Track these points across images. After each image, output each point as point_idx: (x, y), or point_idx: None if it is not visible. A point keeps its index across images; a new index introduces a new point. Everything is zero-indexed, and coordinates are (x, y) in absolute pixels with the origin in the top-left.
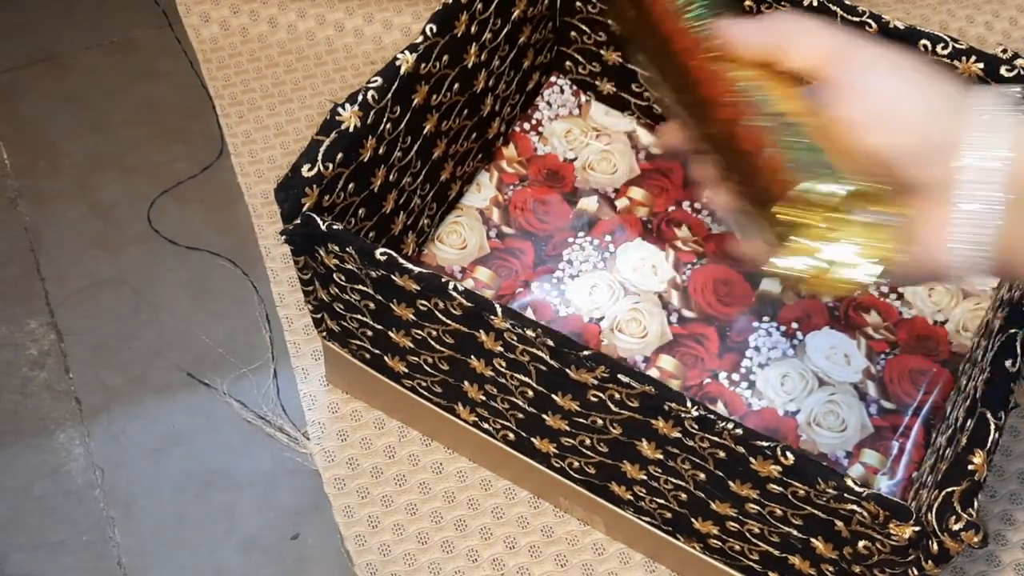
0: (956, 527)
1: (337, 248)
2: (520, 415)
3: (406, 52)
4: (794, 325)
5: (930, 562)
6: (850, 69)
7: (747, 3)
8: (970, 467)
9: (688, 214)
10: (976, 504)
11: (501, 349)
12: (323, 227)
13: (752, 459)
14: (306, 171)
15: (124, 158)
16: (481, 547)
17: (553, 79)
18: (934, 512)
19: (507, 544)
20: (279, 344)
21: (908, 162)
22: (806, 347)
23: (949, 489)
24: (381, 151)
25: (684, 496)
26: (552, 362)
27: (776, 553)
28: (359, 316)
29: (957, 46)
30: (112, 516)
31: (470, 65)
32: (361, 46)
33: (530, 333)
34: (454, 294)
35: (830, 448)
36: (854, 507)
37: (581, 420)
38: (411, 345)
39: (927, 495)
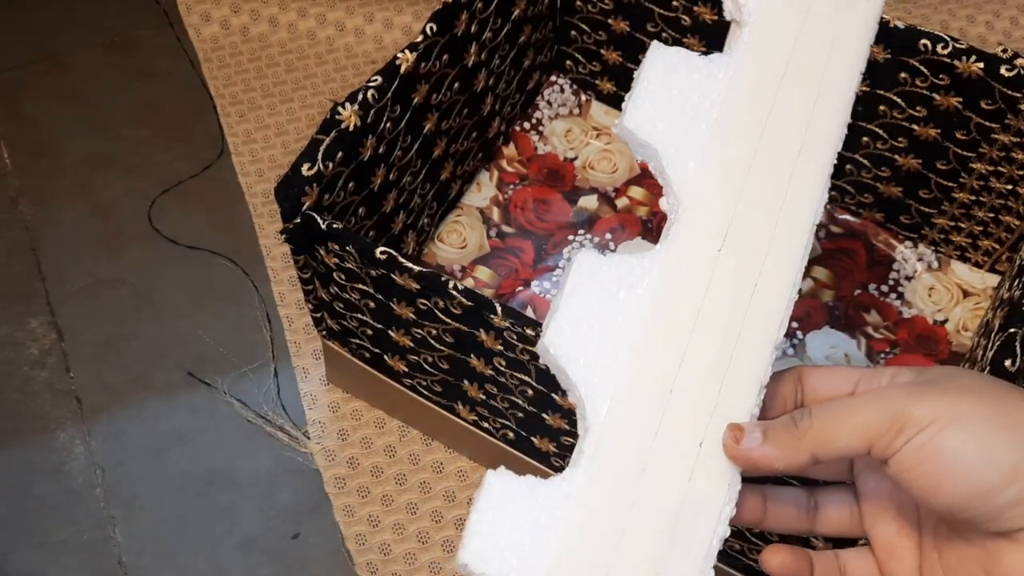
0: None
1: (337, 247)
2: (520, 414)
3: (406, 51)
4: (794, 324)
5: None
6: (911, 433)
7: None
8: None
9: None
10: None
11: (501, 348)
12: (323, 226)
13: None
14: (306, 170)
15: (125, 157)
16: None
17: (553, 78)
18: None
19: None
20: (279, 343)
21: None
22: (806, 346)
23: None
24: (381, 150)
25: None
26: None
27: None
28: (359, 315)
29: (957, 46)
30: (113, 515)
31: (470, 64)
32: (362, 45)
33: (530, 332)
34: (454, 293)
35: None
36: None
37: None
38: (411, 344)
39: None
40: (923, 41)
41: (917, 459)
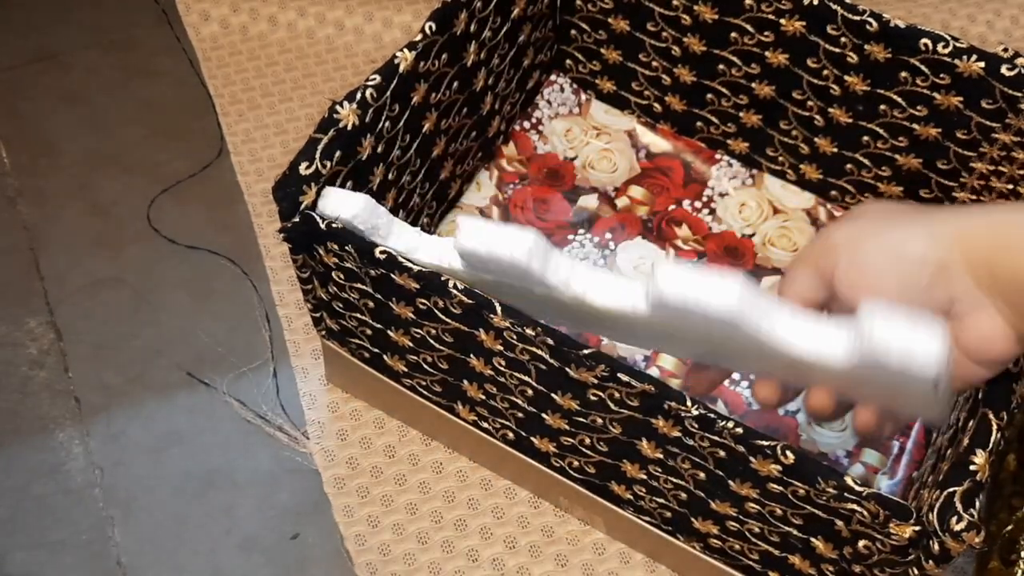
0: (958, 527)
1: (336, 246)
2: (520, 414)
3: (405, 50)
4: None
5: (931, 562)
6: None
7: (747, 2)
8: (972, 467)
9: (688, 213)
10: (978, 504)
11: (501, 348)
12: (322, 225)
13: (752, 458)
14: (304, 169)
15: (124, 157)
16: (481, 547)
17: (553, 77)
18: (936, 512)
19: (507, 544)
20: (279, 343)
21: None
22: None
23: (951, 489)
24: (380, 149)
25: (684, 495)
26: (552, 361)
27: (776, 553)
28: (358, 315)
29: (958, 45)
30: (111, 515)
31: (470, 63)
32: (361, 44)
33: (530, 332)
34: (454, 292)
35: (830, 447)
36: (854, 506)
37: (581, 419)
38: (410, 344)
39: (928, 495)
40: (924, 40)
41: (852, 277)
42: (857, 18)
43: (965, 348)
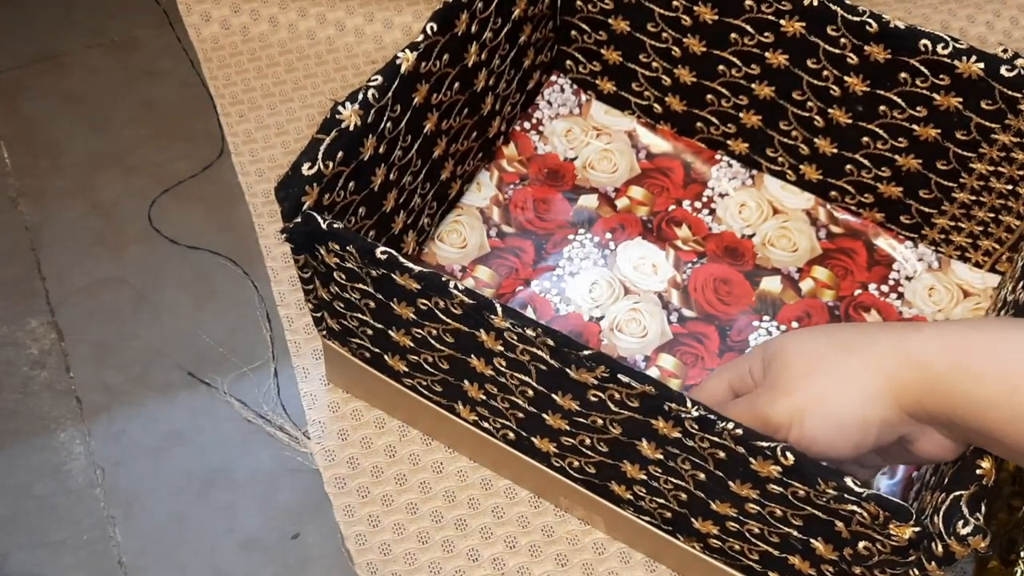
0: (964, 531)
1: (338, 247)
2: (520, 414)
3: (407, 51)
4: (794, 324)
5: (933, 563)
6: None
7: (747, 3)
8: (978, 472)
9: (688, 213)
10: (983, 509)
11: (501, 348)
12: (323, 225)
13: (752, 459)
14: (306, 170)
15: (125, 157)
16: (481, 546)
17: (553, 78)
18: (941, 515)
19: (507, 543)
20: (280, 343)
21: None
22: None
23: (957, 493)
24: (381, 150)
25: (684, 496)
26: (552, 361)
27: (776, 553)
28: (359, 315)
29: (958, 46)
30: (113, 515)
31: (470, 64)
32: (362, 45)
33: (530, 332)
34: (455, 293)
35: None
36: (854, 507)
37: (581, 420)
38: (411, 344)
39: (932, 497)
40: (923, 41)
41: (804, 446)
42: (857, 19)
43: (918, 459)
